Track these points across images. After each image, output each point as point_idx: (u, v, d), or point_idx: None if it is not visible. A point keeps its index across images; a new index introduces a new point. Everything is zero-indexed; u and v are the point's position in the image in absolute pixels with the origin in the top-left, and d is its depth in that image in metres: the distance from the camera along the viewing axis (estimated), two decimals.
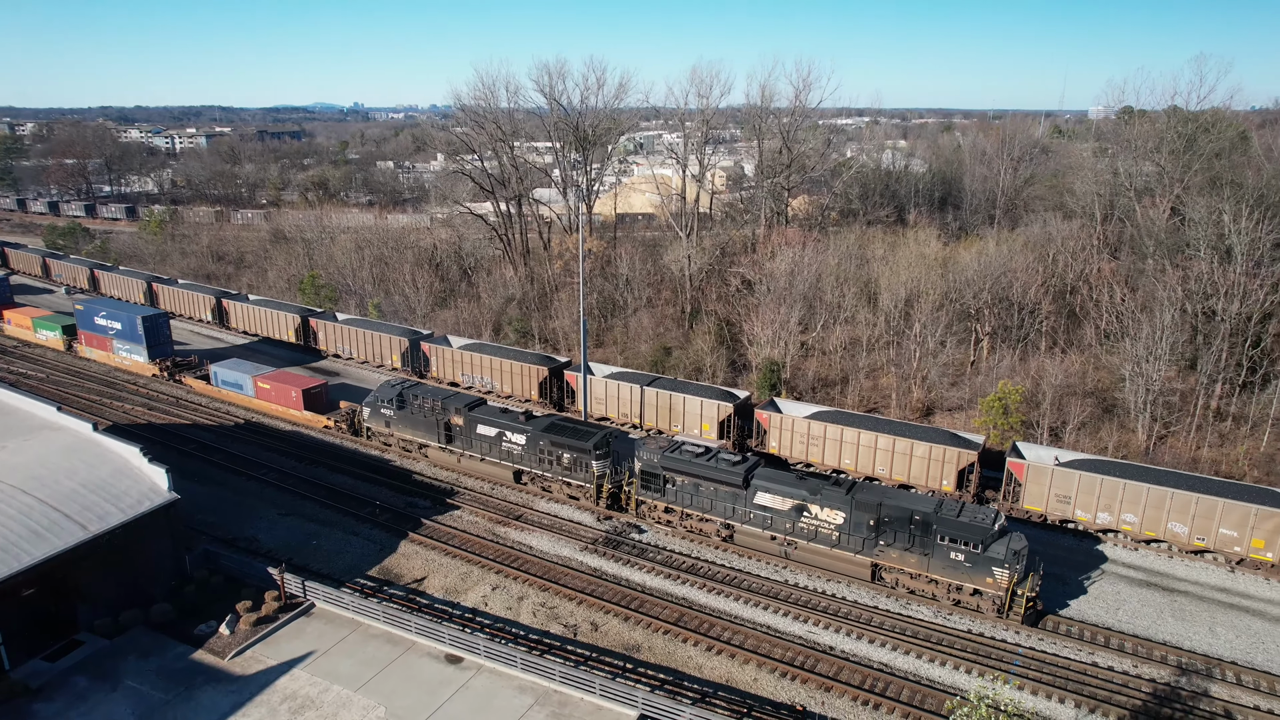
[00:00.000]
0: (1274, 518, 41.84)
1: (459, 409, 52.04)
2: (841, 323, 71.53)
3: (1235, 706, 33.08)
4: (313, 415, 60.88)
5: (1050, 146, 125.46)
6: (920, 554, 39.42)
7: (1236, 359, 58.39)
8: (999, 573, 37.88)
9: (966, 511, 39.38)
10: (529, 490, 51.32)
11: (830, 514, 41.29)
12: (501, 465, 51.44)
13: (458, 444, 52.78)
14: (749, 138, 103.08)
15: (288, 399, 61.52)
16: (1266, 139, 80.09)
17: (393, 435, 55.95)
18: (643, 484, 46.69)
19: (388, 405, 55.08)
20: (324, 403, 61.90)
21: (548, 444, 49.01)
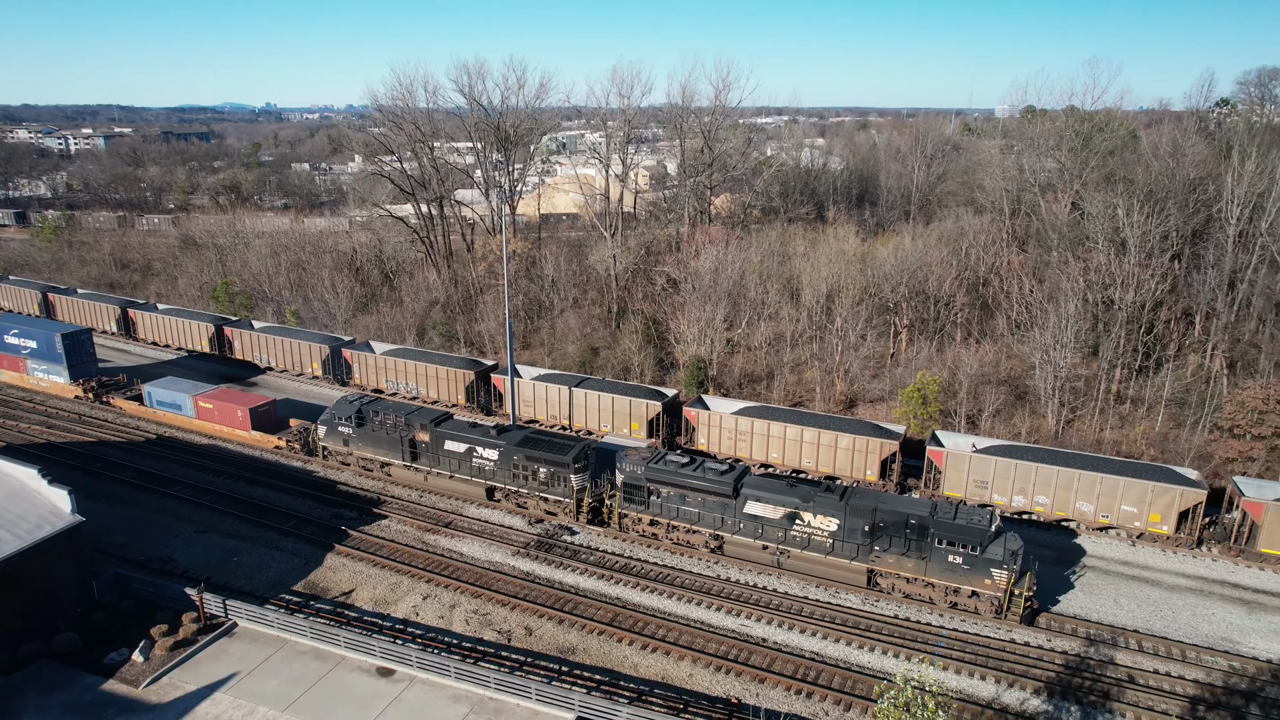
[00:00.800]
0: (1168, 493, 44.42)
1: (425, 425, 49.74)
2: (766, 319, 72.74)
3: (1137, 671, 35.00)
4: (261, 435, 57.16)
5: (961, 144, 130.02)
6: (917, 558, 38.95)
7: (1133, 345, 61.67)
8: (998, 574, 37.77)
9: (962, 513, 39.03)
10: (502, 506, 50.31)
11: (824, 521, 40.47)
12: (472, 483, 49.29)
13: (424, 461, 50.42)
14: (671, 137, 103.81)
15: (233, 419, 57.91)
16: (1153, 137, 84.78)
17: (351, 454, 53.12)
18: (625, 497, 45.05)
19: (346, 423, 52.22)
20: (272, 421, 58.24)
21: (522, 459, 47.14)
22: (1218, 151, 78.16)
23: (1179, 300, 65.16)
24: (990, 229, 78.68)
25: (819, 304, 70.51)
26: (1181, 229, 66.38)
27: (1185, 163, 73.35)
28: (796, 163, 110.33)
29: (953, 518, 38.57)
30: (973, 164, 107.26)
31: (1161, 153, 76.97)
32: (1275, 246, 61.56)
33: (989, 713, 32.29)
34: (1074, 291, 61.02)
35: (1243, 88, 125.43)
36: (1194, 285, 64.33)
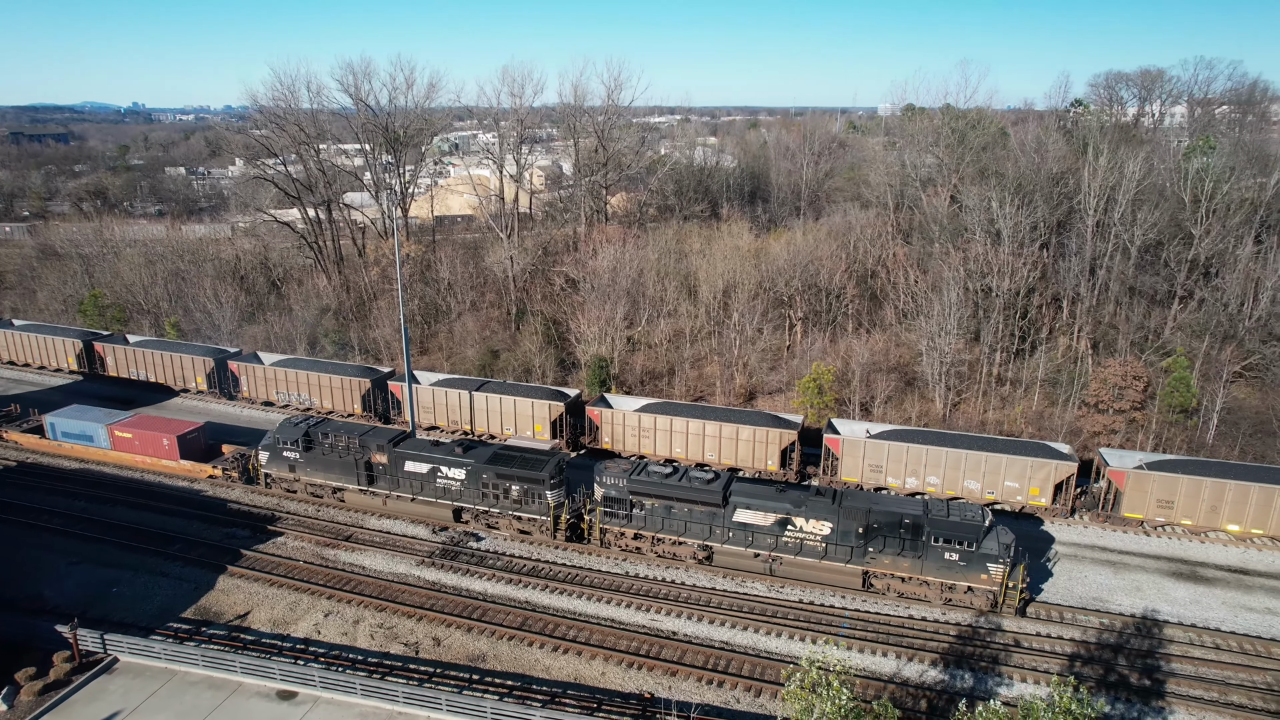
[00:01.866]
0: (1045, 467, 47.38)
1: (382, 445, 47.02)
2: (665, 316, 73.51)
3: (1022, 635, 37.21)
4: (192, 465, 52.74)
5: (846, 141, 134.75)
6: (913, 558, 38.99)
7: (1010, 330, 65.36)
8: (994, 569, 38.16)
9: (954, 510, 39.35)
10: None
11: (816, 525, 40.02)
12: (437, 505, 46.73)
13: (382, 484, 47.61)
14: (565, 136, 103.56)
15: (158, 449, 53.13)
16: (1020, 134, 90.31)
17: (299, 481, 49.81)
18: (606, 511, 43.50)
19: (291, 447, 48.86)
20: (203, 449, 54.13)
21: (493, 476, 44.89)
22: (1076, 148, 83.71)
23: (1048, 286, 69.45)
24: (876, 223, 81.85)
25: (716, 300, 71.74)
26: (1048, 220, 70.76)
27: (1048, 158, 78.31)
28: (690, 161, 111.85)
29: (946, 515, 38.80)
30: (858, 160, 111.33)
31: (1028, 149, 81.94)
32: (1127, 235, 66.41)
33: (891, 686, 33.66)
34: (955, 280, 64.15)
35: (1094, 89, 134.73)
36: (1060, 272, 68.68)
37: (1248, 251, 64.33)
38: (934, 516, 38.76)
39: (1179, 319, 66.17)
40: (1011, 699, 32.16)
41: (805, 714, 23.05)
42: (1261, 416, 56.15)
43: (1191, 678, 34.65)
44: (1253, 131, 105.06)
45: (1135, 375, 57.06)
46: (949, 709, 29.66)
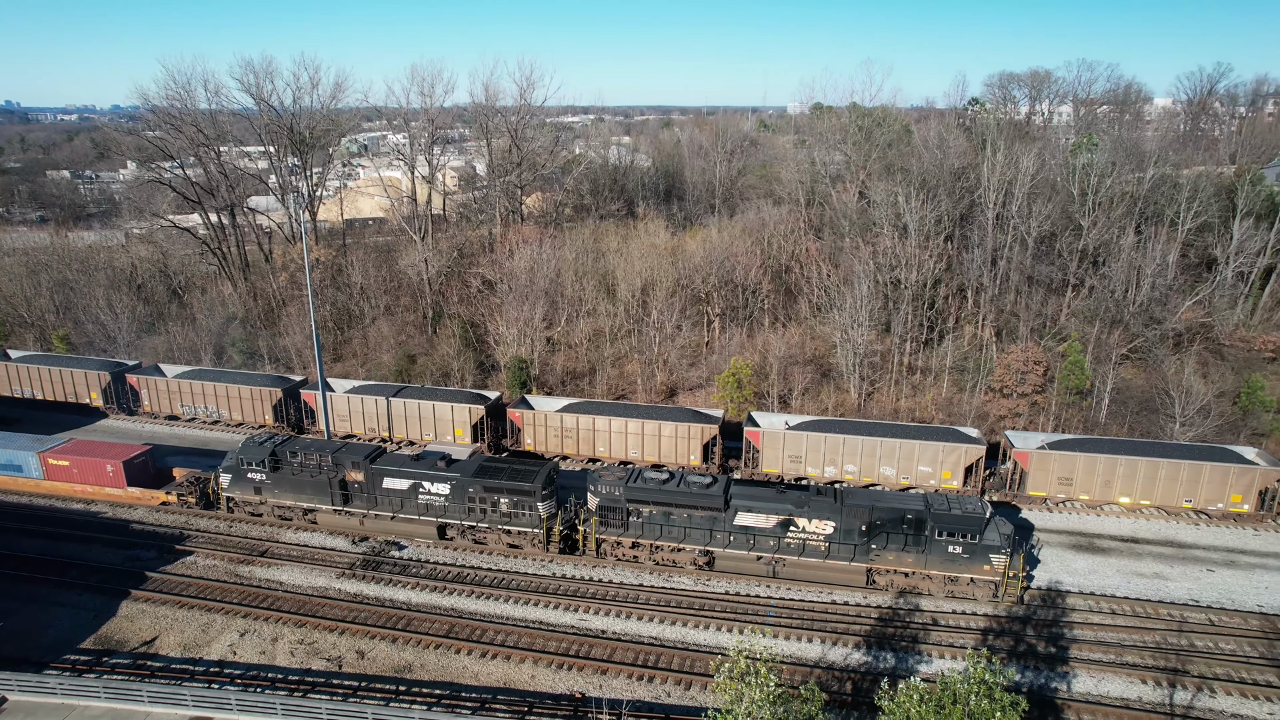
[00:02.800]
0: (955, 451, 49.32)
1: (358, 463, 44.84)
2: (584, 315, 73.38)
3: (939, 614, 38.68)
4: (142, 492, 49.62)
5: (758, 140, 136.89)
6: (916, 553, 39.36)
7: (919, 320, 67.74)
8: (996, 559, 38.80)
9: (955, 503, 39.76)
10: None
11: (819, 525, 39.95)
12: (420, 522, 44.96)
13: (358, 503, 45.50)
14: (478, 137, 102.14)
15: (100, 477, 49.63)
16: (923, 131, 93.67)
17: (265, 504, 47.29)
18: (602, 520, 42.47)
19: (256, 468, 46.27)
20: (152, 474, 50.99)
21: (480, 490, 43.43)
22: (975, 144, 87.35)
23: (954, 278, 72.27)
24: (789, 219, 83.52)
25: (635, 298, 72.03)
26: (951, 213, 73.58)
27: (950, 154, 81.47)
28: (605, 160, 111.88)
29: (948, 509, 39.22)
30: (769, 158, 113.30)
31: (930, 145, 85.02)
32: (1024, 227, 69.71)
33: (817, 671, 34.47)
34: (866, 274, 66.08)
35: (989, 89, 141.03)
36: (964, 263, 71.54)
37: (1130, 241, 68.33)
38: (936, 511, 39.13)
39: (1072, 306, 69.82)
40: (931, 675, 33.36)
41: (735, 703, 23.38)
42: (1146, 395, 59.78)
43: (1091, 642, 36.67)
44: (1129, 129, 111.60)
45: (1035, 360, 59.99)
46: (872, 689, 30.55)
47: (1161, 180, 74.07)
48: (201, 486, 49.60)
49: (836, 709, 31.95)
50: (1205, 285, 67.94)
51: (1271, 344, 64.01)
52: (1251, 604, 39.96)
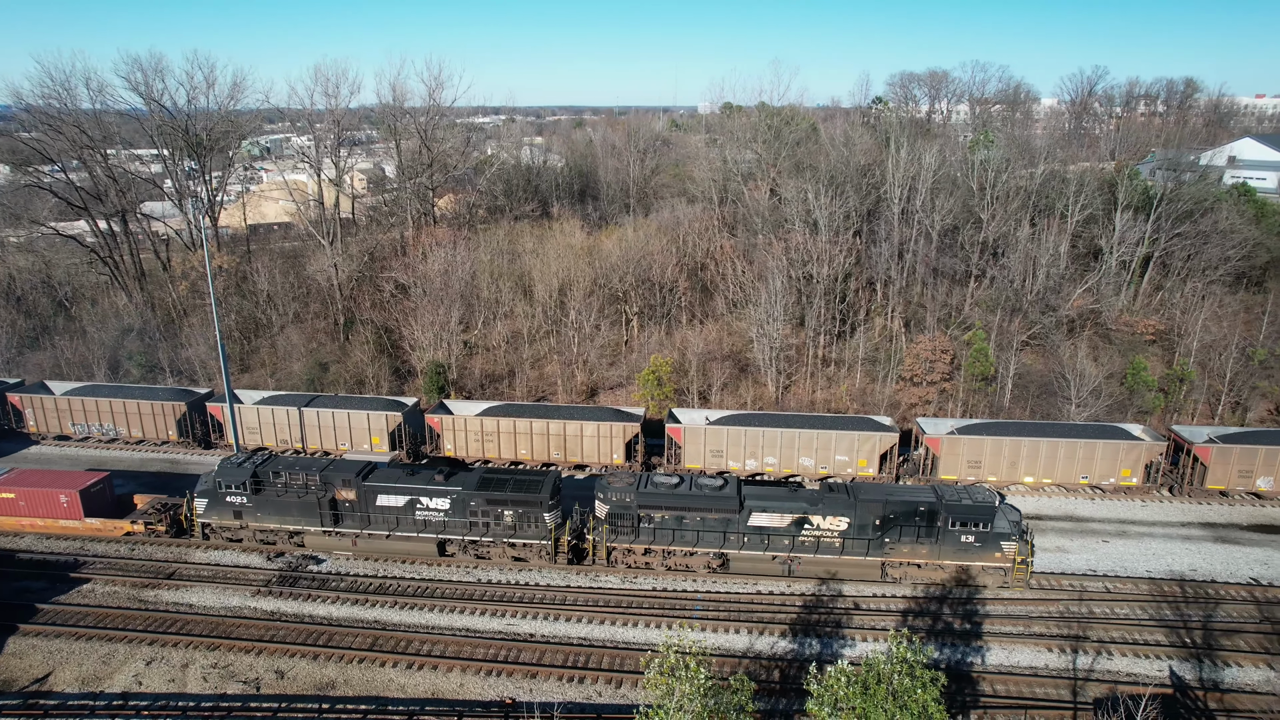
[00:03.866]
0: (870, 440, 50.84)
1: (348, 480, 42.63)
2: (501, 317, 72.60)
3: (860, 598, 39.82)
4: (102, 523, 45.79)
5: (670, 139, 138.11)
6: (930, 544, 39.77)
7: (831, 313, 69.53)
8: (1006, 546, 39.47)
9: (965, 494, 40.37)
10: (193, 546, 44.94)
11: (834, 522, 40.02)
12: (418, 539, 42.98)
13: (349, 524, 43.21)
14: (386, 138, 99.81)
15: (53, 508, 45.56)
16: (830, 130, 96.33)
17: (245, 528, 44.44)
18: (612, 528, 41.37)
19: (236, 490, 43.50)
20: (111, 503, 47.12)
21: (482, 503, 41.81)
22: (880, 141, 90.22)
23: (863, 271, 74.46)
24: (703, 217, 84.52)
25: (552, 298, 71.66)
26: (859, 209, 75.81)
27: (856, 151, 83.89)
28: (518, 161, 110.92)
29: (960, 499, 39.80)
30: (682, 157, 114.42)
31: (837, 143, 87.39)
32: (928, 221, 72.41)
33: (745, 661, 34.99)
34: (779, 269, 67.43)
35: (891, 88, 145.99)
36: (873, 257, 73.79)
37: (1025, 233, 71.83)
38: (949, 502, 39.72)
39: (975, 296, 72.91)
40: (856, 657, 34.29)
41: (666, 698, 23.51)
42: (1045, 379, 62.91)
43: (1003, 616, 38.38)
44: (1020, 128, 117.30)
45: (943, 349, 62.38)
46: (800, 675, 31.22)
47: (1051, 176, 78.14)
48: (172, 513, 46.37)
49: (766, 697, 32.51)
50: (1093, 274, 71.98)
51: (1151, 327, 68.25)
52: (1141, 570, 42.66)
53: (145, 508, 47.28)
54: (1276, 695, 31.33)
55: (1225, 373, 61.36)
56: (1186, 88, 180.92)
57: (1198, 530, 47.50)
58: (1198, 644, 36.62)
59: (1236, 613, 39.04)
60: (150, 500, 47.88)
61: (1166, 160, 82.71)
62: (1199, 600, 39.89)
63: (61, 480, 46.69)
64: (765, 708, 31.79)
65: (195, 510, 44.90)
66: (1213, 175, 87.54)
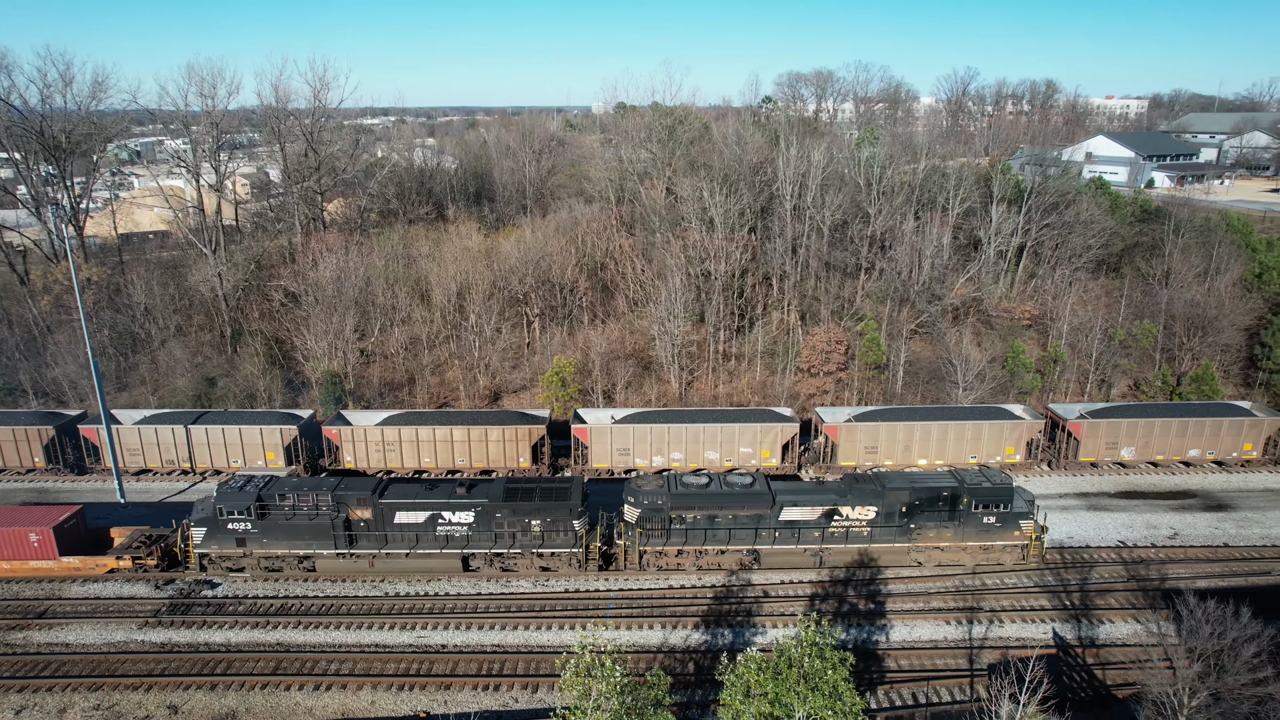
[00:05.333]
0: (772, 431, 52.14)
1: (363, 499, 40.71)
2: (399, 324, 70.83)
3: (772, 585, 40.83)
4: (81, 561, 42.06)
5: (565, 139, 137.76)
6: (955, 527, 41.25)
7: (730, 309, 70.92)
8: (1024, 524, 41.41)
9: (984, 477, 41.86)
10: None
11: (862, 511, 40.92)
12: (441, 556, 41.47)
13: (365, 544, 41.26)
14: (269, 141, 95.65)
15: (23, 548, 41.59)
16: (722, 129, 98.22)
17: (249, 555, 41.69)
18: (644, 531, 41.08)
19: (239, 516, 40.70)
20: (85, 538, 43.31)
21: (508, 514, 40.71)
22: (770, 140, 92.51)
23: (759, 267, 76.24)
24: (601, 216, 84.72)
25: (451, 303, 70.40)
26: (753, 205, 77.57)
27: (748, 150, 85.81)
28: (410, 163, 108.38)
29: (980, 482, 41.33)
30: (578, 157, 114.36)
31: (730, 142, 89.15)
32: (819, 217, 74.80)
33: (660, 656, 35.32)
34: (678, 267, 68.28)
35: (780, 88, 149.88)
36: (768, 253, 75.67)
37: (910, 227, 75.15)
38: (970, 485, 41.21)
39: (866, 288, 75.77)
40: (767, 644, 35.16)
41: (583, 698, 23.50)
42: (933, 365, 66.03)
43: (903, 594, 40.10)
44: (902, 125, 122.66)
45: (837, 340, 64.56)
46: (714, 666, 31.76)
47: (932, 171, 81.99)
48: (163, 545, 43.01)
49: (682, 689, 32.91)
50: (974, 264, 75.97)
51: (1027, 313, 72.61)
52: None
53: (127, 541, 43.92)
54: (1143, 645, 33.92)
55: (1092, 353, 65.86)
56: (1048, 89, 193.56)
57: (1073, 500, 50.87)
58: (1076, 605, 39.26)
59: (1108, 574, 42.06)
60: (131, 533, 44.44)
61: (1033, 156, 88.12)
62: (1076, 565, 42.74)
63: (27, 517, 42.79)
64: (682, 700, 32.20)
65: (191, 541, 41.97)
66: (1073, 170, 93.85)
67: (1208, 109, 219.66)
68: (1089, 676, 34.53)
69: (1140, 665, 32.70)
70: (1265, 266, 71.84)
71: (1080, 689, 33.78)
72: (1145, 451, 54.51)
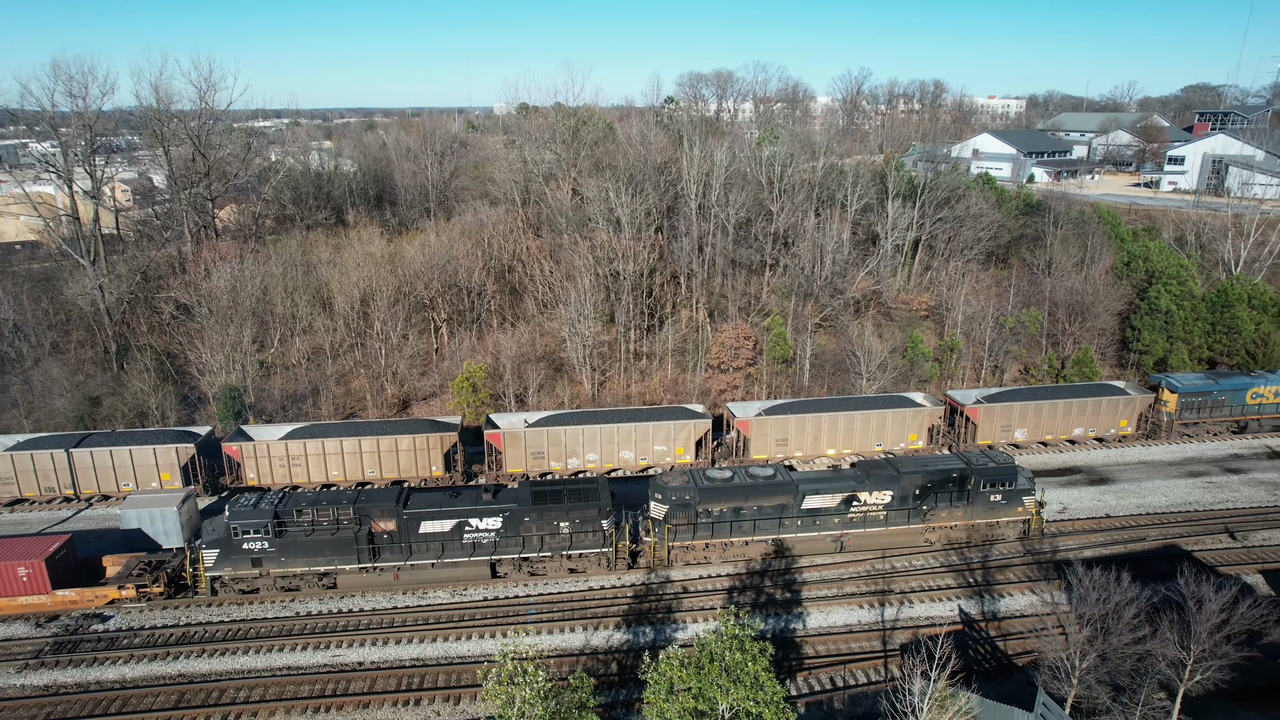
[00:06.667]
0: (685, 428, 52.75)
1: (387, 510, 39.98)
2: (300, 333, 68.36)
3: (689, 581, 41.27)
4: (78, 593, 39.18)
5: (468, 140, 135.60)
6: (964, 506, 43.48)
7: (640, 308, 71.34)
8: (1027, 500, 43.92)
9: (989, 458, 44.35)
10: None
11: (879, 496, 42.57)
12: (469, 564, 41.00)
13: (389, 556, 40.38)
14: (151, 144, 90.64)
15: (11, 583, 38.38)
16: (626, 129, 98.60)
17: (265, 576, 40.09)
18: (671, 527, 41.61)
19: (256, 536, 39.10)
20: (75, 569, 40.25)
21: (537, 518, 40.67)
22: (674, 140, 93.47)
23: (667, 266, 76.92)
24: (507, 218, 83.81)
25: (354, 310, 68.39)
26: (659, 205, 78.21)
27: (652, 150, 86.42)
28: (306, 166, 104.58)
29: (986, 463, 43.62)
30: (481, 159, 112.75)
31: (634, 142, 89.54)
32: (724, 215, 76.03)
33: (583, 658, 35.25)
34: (586, 268, 68.23)
35: (681, 88, 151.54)
36: (675, 252, 76.41)
37: (812, 223, 77.24)
38: (977, 466, 43.51)
39: (771, 284, 77.47)
40: (688, 640, 35.55)
41: (506, 706, 23.26)
42: (838, 357, 68.08)
43: (818, 582, 41.24)
44: (801, 124, 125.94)
45: (745, 336, 65.80)
46: (636, 664, 31.89)
47: (831, 169, 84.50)
48: (170, 570, 40.65)
49: (606, 690, 32.94)
50: (872, 258, 78.68)
51: (924, 304, 75.70)
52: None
53: (124, 570, 41.04)
54: (1039, 615, 35.93)
55: (985, 340, 69.20)
56: (936, 89, 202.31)
57: None
58: (979, 582, 41.23)
59: (1006, 550, 44.32)
60: (127, 560, 41.55)
61: (925, 153, 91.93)
62: (977, 544, 44.82)
63: (14, 550, 39.53)
64: (606, 700, 32.24)
65: (203, 564, 40.06)
66: (962, 166, 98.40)
67: (1077, 109, 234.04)
68: (993, 648, 36.32)
69: (1037, 634, 34.58)
70: (1132, 255, 77.06)
71: (985, 660, 35.48)
72: (1036, 432, 57.64)
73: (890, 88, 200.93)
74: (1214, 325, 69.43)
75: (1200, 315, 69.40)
